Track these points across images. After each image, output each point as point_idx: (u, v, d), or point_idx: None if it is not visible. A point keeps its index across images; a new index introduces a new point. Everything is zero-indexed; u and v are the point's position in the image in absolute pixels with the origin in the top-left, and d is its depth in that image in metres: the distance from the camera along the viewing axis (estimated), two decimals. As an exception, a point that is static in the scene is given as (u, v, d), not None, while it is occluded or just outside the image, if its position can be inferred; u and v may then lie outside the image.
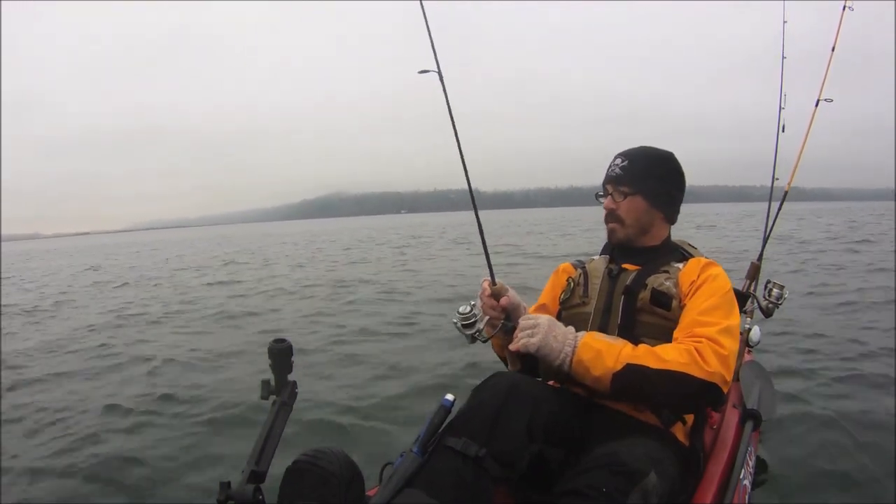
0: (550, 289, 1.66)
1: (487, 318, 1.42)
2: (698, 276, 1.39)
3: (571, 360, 1.27)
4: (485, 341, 1.43)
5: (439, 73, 1.54)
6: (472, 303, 1.42)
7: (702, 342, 1.25)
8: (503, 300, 1.43)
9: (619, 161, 1.49)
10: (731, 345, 1.27)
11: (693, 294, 1.37)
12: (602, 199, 1.52)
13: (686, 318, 1.34)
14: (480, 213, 1.52)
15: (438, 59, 1.55)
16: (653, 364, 1.23)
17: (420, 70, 1.53)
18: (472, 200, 1.58)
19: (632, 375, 1.23)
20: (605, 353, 1.25)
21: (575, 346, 1.27)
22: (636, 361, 1.23)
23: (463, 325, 1.39)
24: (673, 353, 1.24)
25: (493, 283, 1.45)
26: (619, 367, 1.23)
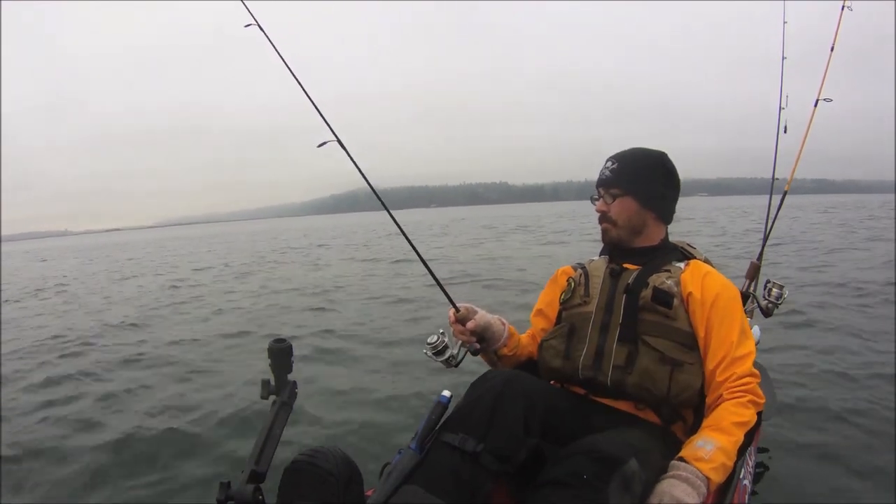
0: (548, 293, 1.67)
1: (460, 342, 1.50)
2: (702, 292, 1.38)
3: (710, 485, 1.20)
4: (457, 365, 1.51)
5: (339, 142, 1.54)
6: (441, 331, 1.51)
7: (750, 384, 1.31)
8: (470, 324, 1.48)
9: (609, 164, 1.51)
10: (754, 356, 1.37)
11: (709, 314, 1.36)
12: (596, 202, 1.54)
13: (718, 350, 1.35)
14: (509, 206, 1.54)
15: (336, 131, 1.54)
16: (736, 444, 1.25)
17: (319, 144, 1.50)
18: (403, 234, 1.64)
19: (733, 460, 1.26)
20: (721, 472, 1.22)
21: (708, 482, 1.19)
22: (729, 461, 1.23)
23: (434, 353, 1.48)
24: (740, 415, 1.27)
25: (457, 309, 1.50)
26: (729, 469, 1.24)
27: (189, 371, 4.10)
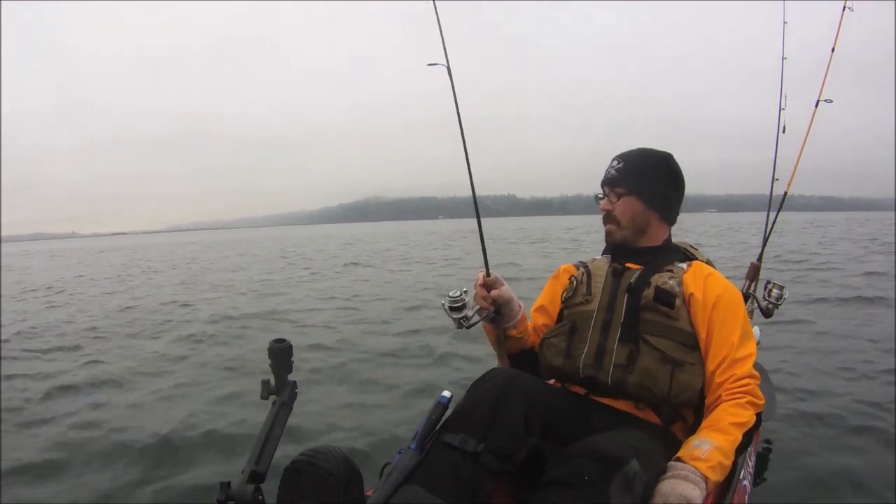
0: (549, 290, 1.67)
1: (478, 307, 1.51)
2: (704, 293, 1.38)
3: (708, 484, 1.20)
4: (468, 328, 1.51)
5: (448, 67, 1.61)
6: (465, 289, 1.50)
7: (749, 385, 1.31)
8: (494, 292, 1.50)
9: (615, 163, 1.51)
10: (754, 357, 1.37)
11: (711, 316, 1.36)
12: (601, 201, 1.53)
13: (719, 351, 1.35)
14: (519, 219, 1.55)
15: (448, 54, 1.61)
16: (733, 444, 1.26)
17: (430, 63, 1.59)
18: (475, 199, 1.67)
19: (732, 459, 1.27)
20: (719, 471, 1.22)
21: (706, 481, 1.19)
22: (727, 461, 1.23)
23: (451, 307, 1.48)
24: (738, 416, 1.28)
25: (488, 274, 1.52)
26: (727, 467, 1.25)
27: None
